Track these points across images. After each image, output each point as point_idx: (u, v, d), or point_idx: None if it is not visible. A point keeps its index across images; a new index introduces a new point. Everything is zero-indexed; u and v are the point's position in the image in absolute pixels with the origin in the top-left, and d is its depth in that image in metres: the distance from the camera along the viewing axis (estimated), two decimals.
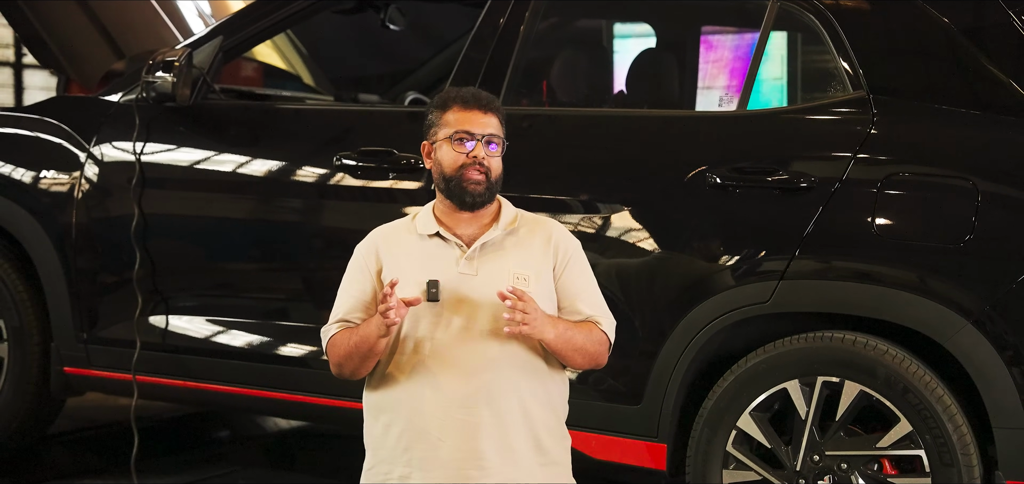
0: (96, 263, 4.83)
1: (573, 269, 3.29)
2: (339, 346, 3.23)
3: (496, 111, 3.27)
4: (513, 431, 3.18)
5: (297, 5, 4.80)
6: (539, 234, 3.29)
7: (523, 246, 3.26)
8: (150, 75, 4.62)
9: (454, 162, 3.21)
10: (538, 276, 3.23)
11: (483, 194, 3.22)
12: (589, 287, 3.31)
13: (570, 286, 3.28)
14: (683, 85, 5.27)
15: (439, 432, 3.15)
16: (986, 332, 3.58)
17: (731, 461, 3.86)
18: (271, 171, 4.60)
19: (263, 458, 5.83)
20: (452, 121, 3.24)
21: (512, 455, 3.18)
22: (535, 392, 3.22)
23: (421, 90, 5.85)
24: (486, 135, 3.22)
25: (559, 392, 3.30)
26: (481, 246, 3.23)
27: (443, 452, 3.15)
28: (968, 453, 3.62)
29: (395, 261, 3.24)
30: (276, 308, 4.63)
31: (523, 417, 3.19)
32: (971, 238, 3.61)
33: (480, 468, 3.15)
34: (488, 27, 4.38)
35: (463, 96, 3.27)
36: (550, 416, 3.26)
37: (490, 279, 3.18)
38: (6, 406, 4.99)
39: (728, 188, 3.89)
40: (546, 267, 3.25)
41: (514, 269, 3.21)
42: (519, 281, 3.19)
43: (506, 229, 3.26)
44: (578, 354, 3.23)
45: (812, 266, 3.78)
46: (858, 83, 3.86)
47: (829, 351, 3.75)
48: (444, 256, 3.23)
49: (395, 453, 3.21)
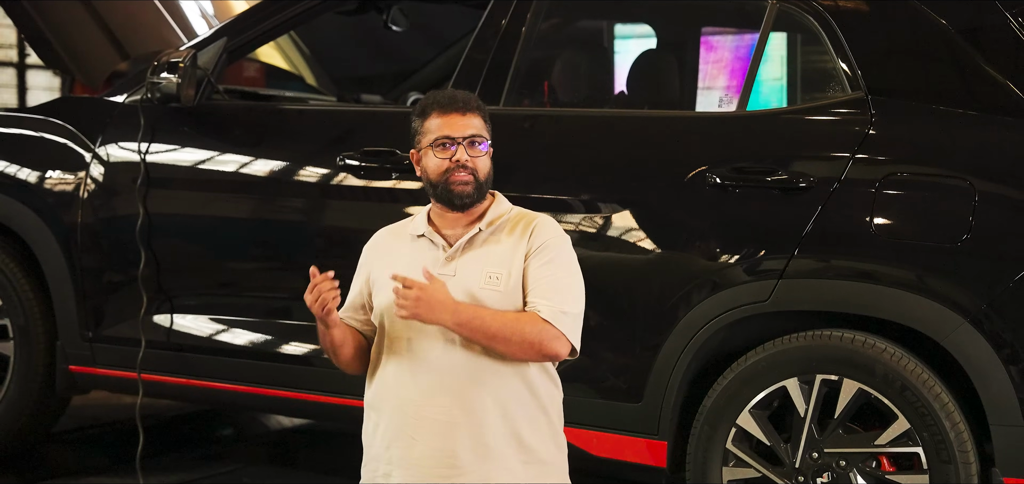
0: (101, 262, 4.85)
1: (540, 258, 3.17)
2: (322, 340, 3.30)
3: (476, 110, 3.23)
4: (489, 430, 3.13)
5: (301, 6, 4.82)
6: (520, 228, 3.22)
7: (501, 244, 3.21)
8: (155, 76, 4.64)
9: (439, 168, 3.19)
10: (510, 273, 3.17)
11: (471, 194, 3.20)
12: (550, 277, 3.16)
13: (531, 273, 3.16)
14: (683, 86, 5.28)
15: (413, 431, 3.14)
16: (983, 330, 3.60)
17: (731, 458, 3.88)
18: (275, 171, 4.62)
19: (267, 456, 5.84)
20: (433, 128, 3.22)
21: (488, 454, 3.13)
22: (514, 390, 3.15)
23: (423, 91, 5.84)
24: (467, 136, 3.19)
25: (544, 389, 3.20)
26: (462, 246, 3.21)
27: (416, 451, 3.14)
28: (965, 450, 3.64)
29: (381, 263, 3.25)
30: (280, 307, 4.65)
31: (501, 416, 3.14)
32: (968, 237, 3.63)
33: (453, 467, 3.12)
34: (490, 28, 4.40)
35: (440, 101, 3.24)
36: (535, 413, 3.18)
37: (466, 280, 3.16)
38: (12, 404, 5.01)
39: (728, 188, 3.91)
40: (518, 260, 3.18)
41: (487, 268, 3.17)
42: (491, 279, 3.15)
43: (487, 228, 3.22)
44: (498, 342, 3.09)
45: (811, 265, 3.80)
46: (857, 84, 3.88)
47: (828, 349, 3.77)
48: (428, 257, 3.21)
49: (380, 451, 3.21)
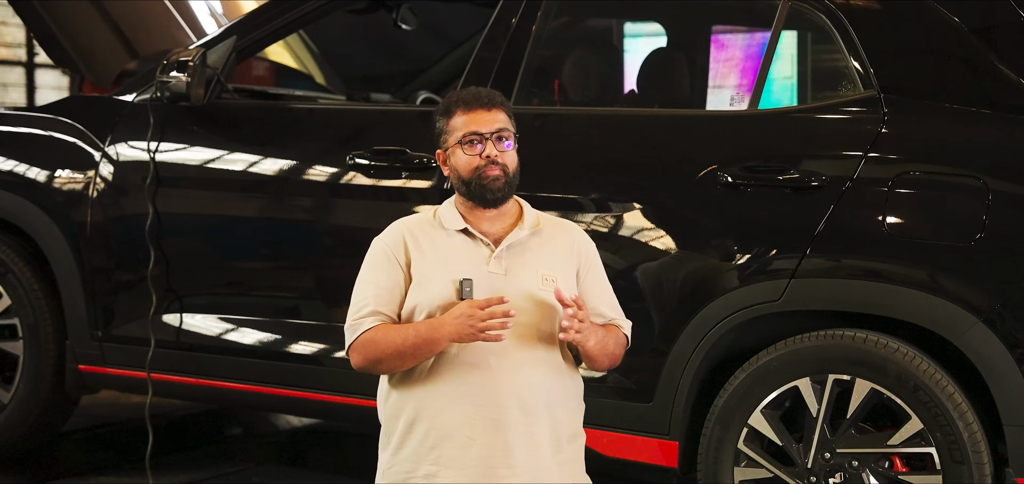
0: (111, 262, 4.84)
1: (595, 273, 3.34)
2: (382, 342, 3.14)
3: (501, 105, 3.26)
4: (540, 430, 3.19)
5: (310, 5, 4.81)
6: (562, 236, 3.33)
7: (547, 247, 3.28)
8: (164, 75, 4.64)
9: (469, 165, 3.22)
10: (563, 278, 3.25)
11: (503, 189, 3.23)
12: (608, 290, 3.37)
13: (592, 289, 3.32)
14: (694, 84, 5.27)
15: (470, 431, 3.14)
16: (997, 330, 3.59)
17: (742, 459, 3.87)
18: (284, 170, 4.62)
19: (276, 455, 5.84)
20: (459, 125, 3.24)
21: (538, 454, 3.19)
22: (558, 392, 3.24)
23: (433, 89, 5.86)
24: (495, 131, 3.23)
25: (577, 391, 3.33)
26: (508, 246, 3.24)
27: (473, 451, 3.14)
28: (979, 451, 3.63)
29: (423, 255, 3.23)
30: (289, 306, 4.65)
31: (548, 416, 3.21)
32: (982, 236, 3.62)
33: (509, 466, 3.15)
34: (500, 27, 4.39)
35: (465, 98, 3.27)
36: (570, 415, 3.29)
37: (518, 279, 3.20)
38: (21, 404, 5.01)
39: (739, 187, 3.89)
40: (570, 270, 3.28)
41: (541, 270, 3.23)
42: (547, 282, 3.21)
43: (531, 230, 3.28)
44: (607, 358, 3.29)
45: (823, 264, 3.79)
46: (869, 82, 3.86)
47: (840, 349, 3.75)
48: (472, 254, 3.23)
49: (420, 452, 3.18)
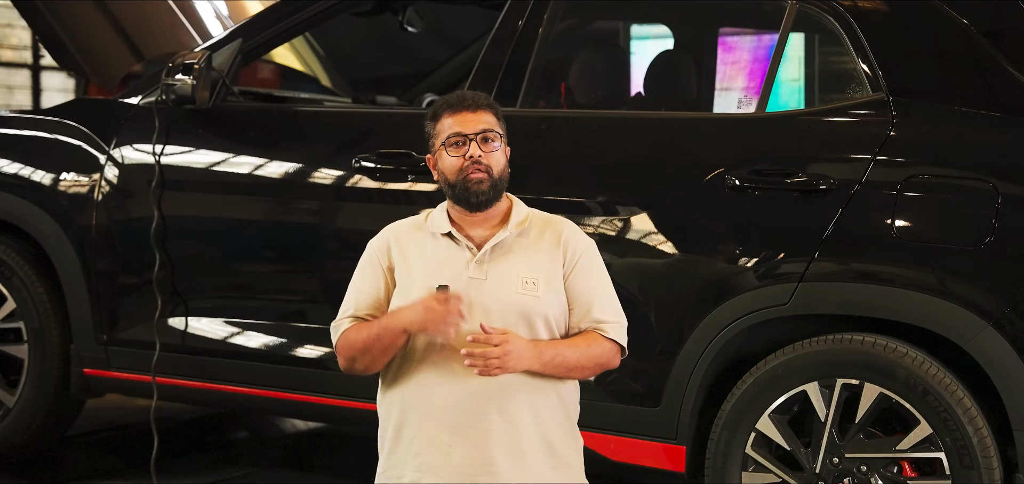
0: (116, 265, 4.83)
1: (582, 270, 3.26)
2: (353, 340, 3.20)
3: (488, 107, 3.26)
4: (524, 435, 3.17)
5: (316, 7, 4.80)
6: (549, 234, 3.27)
7: (532, 248, 3.25)
8: (170, 78, 4.63)
9: (453, 167, 3.22)
10: (548, 279, 3.21)
11: (487, 192, 3.21)
12: (603, 290, 3.28)
13: (578, 287, 3.25)
14: (701, 87, 5.25)
15: (450, 438, 3.15)
16: (1006, 334, 3.57)
17: (750, 463, 3.86)
18: (290, 173, 4.61)
19: (281, 459, 5.84)
20: (445, 127, 3.25)
21: (523, 459, 3.17)
22: (546, 395, 3.21)
23: (439, 92, 5.84)
24: (479, 132, 3.21)
25: (570, 395, 3.29)
26: (491, 249, 3.22)
27: (454, 458, 3.15)
28: (988, 455, 3.61)
29: (406, 260, 3.24)
30: (294, 310, 4.64)
31: (534, 421, 3.18)
32: (991, 240, 3.60)
33: (490, 473, 3.15)
34: (507, 29, 4.38)
35: (450, 101, 3.28)
36: (562, 418, 3.25)
37: (499, 284, 3.18)
38: (26, 407, 5.00)
39: (747, 190, 3.88)
40: (556, 269, 3.23)
41: (523, 273, 3.20)
42: (528, 285, 3.18)
43: (516, 230, 3.24)
44: (576, 372, 3.22)
45: (831, 268, 3.77)
46: (877, 85, 3.85)
47: (849, 353, 3.74)
48: (454, 258, 3.22)
49: (406, 456, 3.20)
